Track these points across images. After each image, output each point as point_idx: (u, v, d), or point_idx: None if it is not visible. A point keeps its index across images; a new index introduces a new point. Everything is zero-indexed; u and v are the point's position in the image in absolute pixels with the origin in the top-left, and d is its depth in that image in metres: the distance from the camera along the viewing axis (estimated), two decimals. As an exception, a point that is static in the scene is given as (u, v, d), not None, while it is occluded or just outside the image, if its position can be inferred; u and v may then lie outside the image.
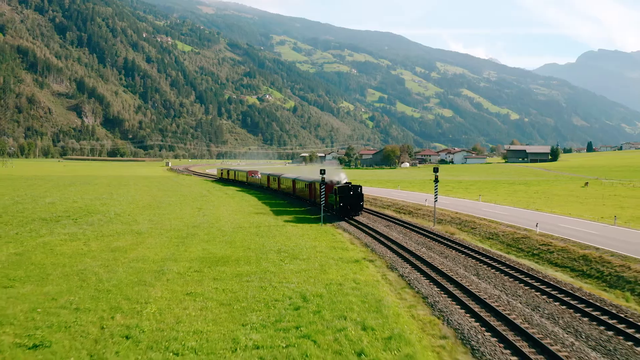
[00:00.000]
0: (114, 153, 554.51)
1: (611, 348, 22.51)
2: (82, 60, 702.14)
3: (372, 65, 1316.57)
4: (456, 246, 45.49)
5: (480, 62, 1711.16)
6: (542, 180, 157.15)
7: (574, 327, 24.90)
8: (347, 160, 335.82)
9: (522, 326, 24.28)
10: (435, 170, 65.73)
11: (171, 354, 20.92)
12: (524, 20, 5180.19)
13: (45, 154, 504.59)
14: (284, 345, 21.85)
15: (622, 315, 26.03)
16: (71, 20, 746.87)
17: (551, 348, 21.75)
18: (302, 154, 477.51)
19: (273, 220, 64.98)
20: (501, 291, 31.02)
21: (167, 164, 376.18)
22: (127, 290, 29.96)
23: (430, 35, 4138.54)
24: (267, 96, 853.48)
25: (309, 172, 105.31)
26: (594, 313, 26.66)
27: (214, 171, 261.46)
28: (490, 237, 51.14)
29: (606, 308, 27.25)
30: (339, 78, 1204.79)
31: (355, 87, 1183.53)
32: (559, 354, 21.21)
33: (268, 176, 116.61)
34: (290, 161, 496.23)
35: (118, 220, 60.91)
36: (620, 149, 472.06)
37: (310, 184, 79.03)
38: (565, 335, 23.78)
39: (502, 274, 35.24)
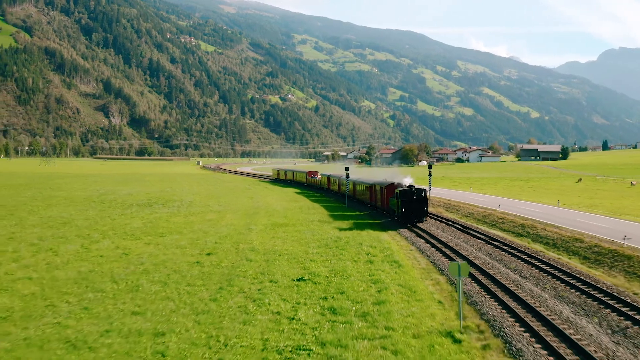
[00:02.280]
0: (141, 152, 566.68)
1: (514, 265, 40.22)
2: (108, 61, 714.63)
3: (393, 64, 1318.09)
4: (441, 219, 64.94)
5: (501, 61, 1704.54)
6: (544, 177, 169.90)
7: (499, 258, 42.25)
8: (367, 159, 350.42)
9: (470, 257, 42.06)
10: (429, 167, 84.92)
11: (275, 255, 40.67)
12: (546, 19, 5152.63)
13: (76, 153, 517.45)
14: (332, 254, 41.41)
15: (529, 252, 43.72)
16: (97, 21, 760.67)
17: (485, 268, 39.62)
18: (325, 153, 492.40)
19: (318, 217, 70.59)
20: (465, 242, 48.82)
21: (198, 163, 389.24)
22: (236, 236, 49.94)
23: (452, 34, 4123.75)
24: (290, 95, 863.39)
25: (368, 174, 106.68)
26: (514, 252, 44.12)
27: (246, 169, 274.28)
28: (468, 215, 68.80)
29: (524, 250, 44.62)
30: (360, 77, 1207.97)
31: (376, 86, 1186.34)
32: (486, 268, 39.14)
33: (328, 177, 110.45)
34: (314, 160, 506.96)
35: (195, 205, 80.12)
36: (635, 147, 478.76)
37: (371, 187, 74.73)
38: (492, 260, 41.50)
39: (468, 235, 53.07)
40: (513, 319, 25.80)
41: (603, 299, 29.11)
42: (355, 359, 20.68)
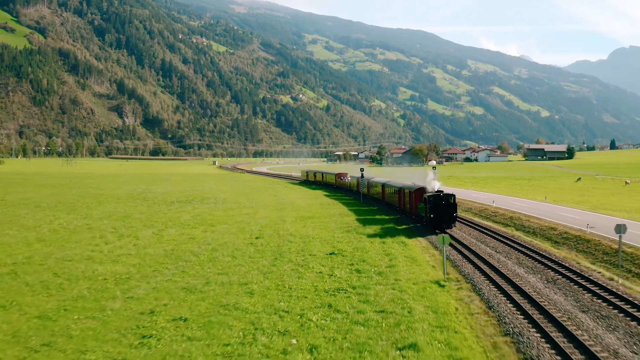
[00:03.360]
0: (155, 152, 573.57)
1: (492, 244, 50.78)
2: (121, 61, 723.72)
3: (404, 64, 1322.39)
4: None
5: (511, 60, 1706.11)
6: (547, 176, 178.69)
7: (483, 240, 52.62)
8: (378, 159, 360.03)
9: (460, 239, 52.55)
10: (434, 167, 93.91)
11: (309, 238, 51.82)
12: (556, 17, 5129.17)
13: (92, 153, 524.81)
14: (353, 237, 52.25)
15: (508, 236, 54.15)
16: (109, 22, 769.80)
17: (469, 245, 50.21)
18: (337, 153, 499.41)
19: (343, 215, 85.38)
20: (459, 230, 59.30)
21: (214, 163, 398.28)
22: (274, 225, 61.54)
23: (462, 33, 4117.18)
24: (301, 95, 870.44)
25: (391, 175, 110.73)
26: (496, 236, 54.50)
27: (262, 169, 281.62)
28: (467, 210, 79.14)
29: (505, 235, 55.06)
30: (371, 76, 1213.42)
31: (386, 86, 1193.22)
32: (470, 245, 49.74)
33: (358, 179, 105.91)
34: (326, 159, 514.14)
35: (228, 202, 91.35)
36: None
37: (400, 190, 72.95)
38: (477, 241, 52.00)
39: (464, 225, 63.60)
40: (481, 274, 37.04)
41: (549, 264, 40.06)
42: (375, 293, 31.82)
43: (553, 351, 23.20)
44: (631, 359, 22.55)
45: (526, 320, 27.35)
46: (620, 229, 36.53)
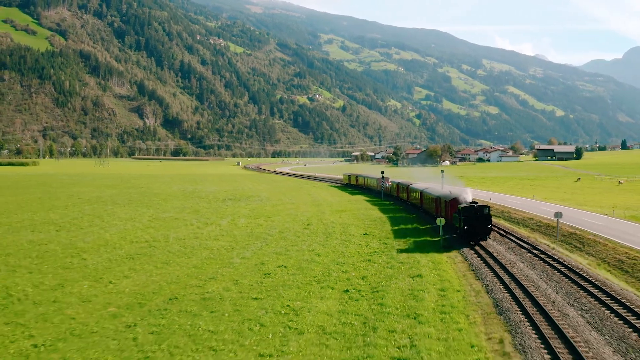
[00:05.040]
0: (176, 152, 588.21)
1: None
2: (141, 63, 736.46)
3: (419, 63, 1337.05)
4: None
5: (526, 59, 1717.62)
6: (551, 176, 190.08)
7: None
8: (394, 159, 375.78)
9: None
10: (442, 170, 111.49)
11: (347, 225, 70.48)
12: (571, 16, 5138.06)
13: (115, 153, 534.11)
14: (379, 225, 70.48)
15: (499, 226, 71.44)
16: (129, 24, 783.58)
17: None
18: (354, 153, 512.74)
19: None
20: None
21: (238, 164, 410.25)
22: (317, 217, 79.53)
23: (477, 32, 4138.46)
24: (317, 96, 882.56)
25: (415, 177, 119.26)
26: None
27: (285, 169, 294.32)
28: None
29: (504, 228, 72.75)
30: (386, 76, 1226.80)
31: (402, 85, 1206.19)
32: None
33: (397, 185, 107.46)
34: (342, 159, 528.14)
35: (272, 199, 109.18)
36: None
37: (437, 199, 71.81)
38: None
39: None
40: (470, 249, 54.61)
41: (515, 240, 58.31)
42: (398, 253, 49.99)
43: (496, 280, 40.69)
44: (536, 280, 40.26)
45: (485, 265, 46.03)
46: (557, 215, 55.40)
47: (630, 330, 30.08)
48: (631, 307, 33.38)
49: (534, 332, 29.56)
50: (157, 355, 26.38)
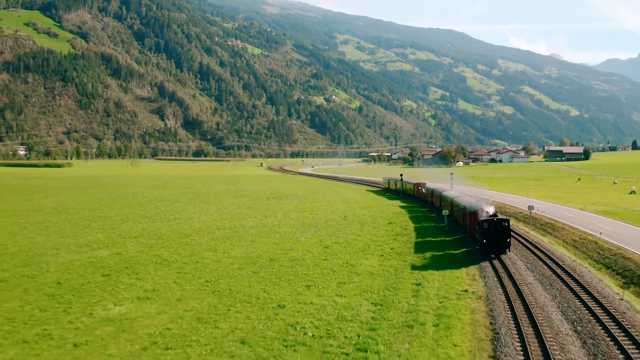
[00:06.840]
0: (198, 153, 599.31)
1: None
2: (161, 65, 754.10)
3: (435, 63, 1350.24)
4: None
5: (541, 59, 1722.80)
6: (555, 176, 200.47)
7: None
8: (410, 160, 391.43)
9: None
10: (451, 173, 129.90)
11: (375, 217, 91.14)
12: (586, 15, 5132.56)
13: (139, 154, 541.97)
14: (402, 216, 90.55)
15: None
16: (148, 27, 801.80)
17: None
18: (371, 154, 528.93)
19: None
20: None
21: (261, 164, 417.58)
22: (350, 211, 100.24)
23: (492, 32, 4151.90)
24: (334, 97, 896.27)
25: (427, 177, 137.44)
26: None
27: (306, 169, 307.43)
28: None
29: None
30: (402, 76, 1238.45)
31: (417, 86, 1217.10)
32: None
33: (432, 191, 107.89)
34: (360, 159, 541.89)
35: (307, 198, 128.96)
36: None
37: (464, 209, 72.13)
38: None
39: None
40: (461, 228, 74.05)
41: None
42: (415, 236, 69.84)
43: (477, 246, 60.24)
44: (510, 254, 59.55)
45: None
46: (530, 207, 75.94)
47: (555, 277, 49.59)
48: (562, 265, 53.18)
49: (498, 283, 48.68)
50: (282, 282, 46.56)
